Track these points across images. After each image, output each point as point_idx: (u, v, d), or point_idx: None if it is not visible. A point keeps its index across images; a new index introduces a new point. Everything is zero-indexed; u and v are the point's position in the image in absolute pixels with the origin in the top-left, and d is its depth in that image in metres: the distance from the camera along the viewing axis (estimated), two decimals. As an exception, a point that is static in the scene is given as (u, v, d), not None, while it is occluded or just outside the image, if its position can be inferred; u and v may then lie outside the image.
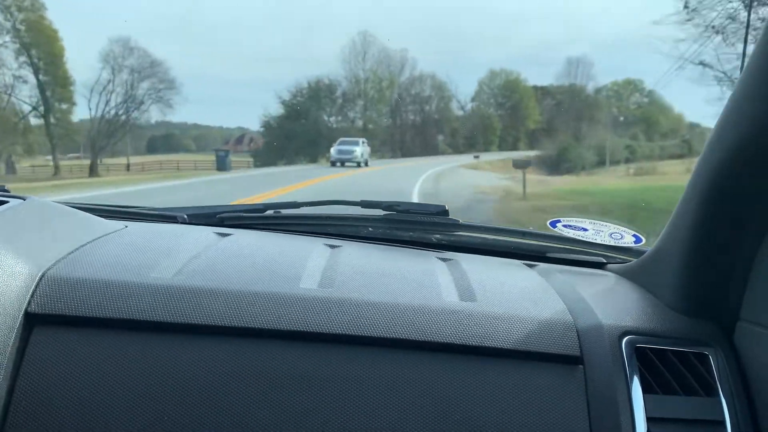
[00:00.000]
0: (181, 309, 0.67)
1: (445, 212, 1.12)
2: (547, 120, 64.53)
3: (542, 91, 61.47)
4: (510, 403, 0.66)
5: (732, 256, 0.69)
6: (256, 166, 28.33)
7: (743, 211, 0.65)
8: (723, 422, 0.67)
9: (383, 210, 1.12)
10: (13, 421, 0.60)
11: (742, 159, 0.61)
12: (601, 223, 1.05)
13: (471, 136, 45.37)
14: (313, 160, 28.64)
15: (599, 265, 1.01)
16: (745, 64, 0.57)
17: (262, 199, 7.52)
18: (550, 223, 1.06)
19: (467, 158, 30.76)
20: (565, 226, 1.06)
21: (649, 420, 0.66)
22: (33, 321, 0.64)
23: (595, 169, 24.95)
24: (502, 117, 52.16)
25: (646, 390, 0.68)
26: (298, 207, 1.18)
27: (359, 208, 1.16)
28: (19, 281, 0.65)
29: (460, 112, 48.04)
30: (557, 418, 0.66)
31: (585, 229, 1.06)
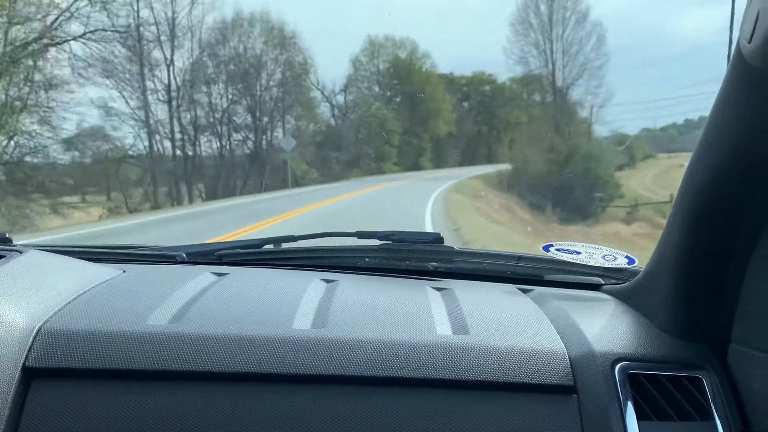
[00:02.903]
0: (178, 356, 0.72)
1: (441, 240, 1.22)
2: (458, 123, 51.57)
3: (447, 81, 47.78)
4: None
5: (720, 278, 0.74)
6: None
7: (729, 233, 0.71)
8: None
9: (379, 240, 1.22)
10: None
11: (725, 181, 0.66)
12: (594, 246, 1.13)
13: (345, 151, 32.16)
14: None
15: (595, 287, 1.10)
16: (719, 89, 0.62)
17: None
18: (544, 248, 1.14)
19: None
20: (558, 250, 1.13)
21: None
22: (31, 375, 0.70)
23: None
24: (399, 114, 37.77)
25: (640, 416, 0.73)
26: (295, 240, 1.29)
27: (355, 239, 1.25)
28: (17, 335, 0.71)
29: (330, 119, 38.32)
30: None
31: (578, 252, 1.12)
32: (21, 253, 0.89)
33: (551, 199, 20.35)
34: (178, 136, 24.27)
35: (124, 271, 1.01)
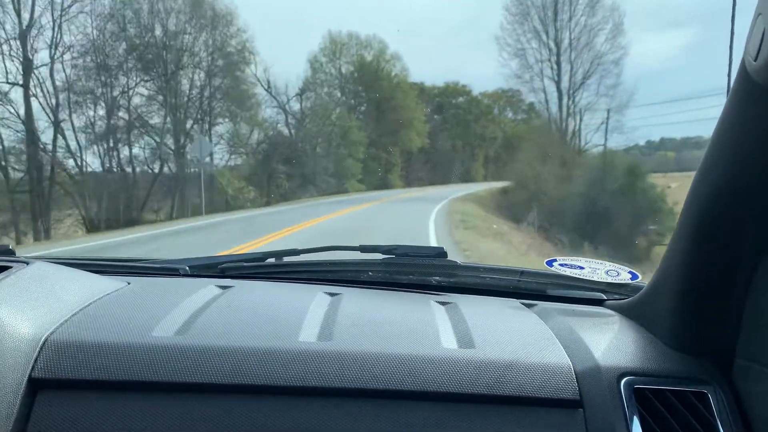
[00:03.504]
0: (183, 368, 0.74)
1: (444, 254, 1.24)
2: (431, 137, 45.14)
3: (418, 90, 41.31)
4: None
5: (724, 294, 0.76)
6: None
7: (733, 248, 0.72)
8: None
9: (382, 254, 1.24)
10: None
11: (729, 197, 0.68)
12: (597, 261, 1.13)
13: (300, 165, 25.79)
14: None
15: (598, 302, 1.12)
16: (723, 107, 0.64)
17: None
18: (547, 263, 1.14)
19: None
20: (561, 265, 1.13)
21: None
22: (37, 386, 0.71)
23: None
24: (365, 124, 30.55)
25: (646, 431, 0.75)
26: (298, 254, 1.31)
27: (358, 252, 1.28)
28: (23, 347, 0.72)
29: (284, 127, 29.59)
30: None
31: (581, 268, 1.12)
32: (27, 264, 0.92)
33: (584, 232, 14.30)
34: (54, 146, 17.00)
35: (129, 284, 1.03)
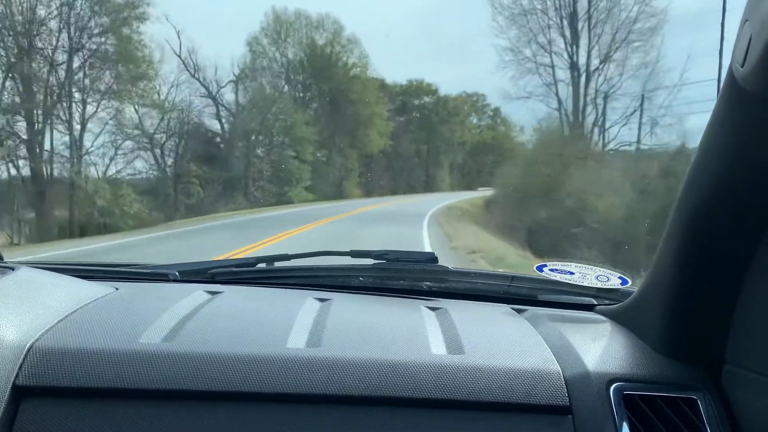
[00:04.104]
0: (169, 375, 0.73)
1: (435, 259, 1.23)
2: (393, 139, 39.22)
3: (378, 86, 35.32)
4: None
5: (713, 300, 0.77)
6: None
7: (721, 254, 0.73)
8: None
9: (373, 259, 1.23)
10: None
11: (716, 206, 0.69)
12: (587, 266, 1.13)
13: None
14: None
15: (588, 307, 1.11)
16: (711, 113, 0.65)
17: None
18: (537, 268, 1.14)
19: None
20: (551, 270, 1.12)
21: None
22: (21, 394, 0.71)
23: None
24: (316, 121, 23.09)
25: None
26: (289, 259, 1.29)
27: (349, 258, 1.27)
28: (7, 354, 0.72)
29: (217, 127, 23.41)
30: None
31: (571, 273, 1.12)
32: (13, 270, 0.91)
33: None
34: None
35: (117, 289, 1.03)
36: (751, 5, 0.53)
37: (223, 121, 28.86)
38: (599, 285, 1.08)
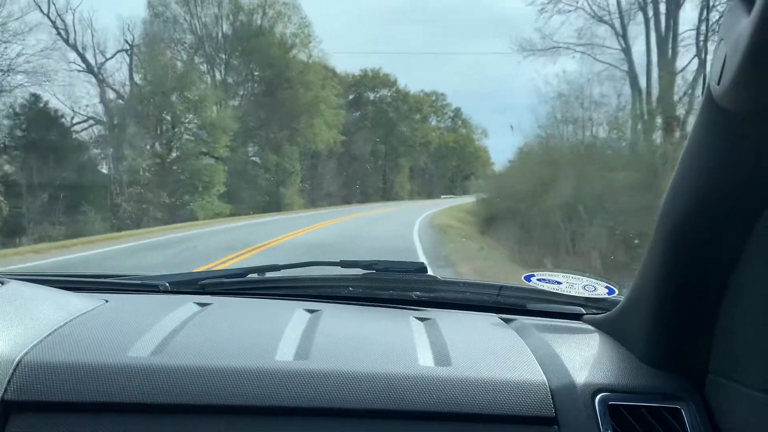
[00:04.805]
0: (158, 389, 0.73)
1: (424, 269, 1.25)
2: (346, 136, 31.87)
3: (327, 74, 27.52)
4: None
5: (697, 310, 0.77)
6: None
7: (704, 266, 0.74)
8: None
9: (363, 269, 1.23)
10: None
11: (699, 216, 0.70)
12: (574, 275, 1.13)
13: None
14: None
15: (577, 316, 1.12)
16: (692, 128, 0.67)
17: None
18: (525, 277, 1.15)
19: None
20: (539, 279, 1.13)
21: None
22: (9, 409, 0.71)
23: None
24: (244, 108, 13.83)
25: None
26: (279, 270, 1.30)
27: (339, 268, 1.26)
28: None
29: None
30: None
31: (558, 282, 1.13)
32: (2, 284, 0.92)
33: None
34: None
35: (107, 301, 1.03)
36: (726, 26, 0.55)
37: (109, 105, 20.74)
38: (586, 294, 1.09)
